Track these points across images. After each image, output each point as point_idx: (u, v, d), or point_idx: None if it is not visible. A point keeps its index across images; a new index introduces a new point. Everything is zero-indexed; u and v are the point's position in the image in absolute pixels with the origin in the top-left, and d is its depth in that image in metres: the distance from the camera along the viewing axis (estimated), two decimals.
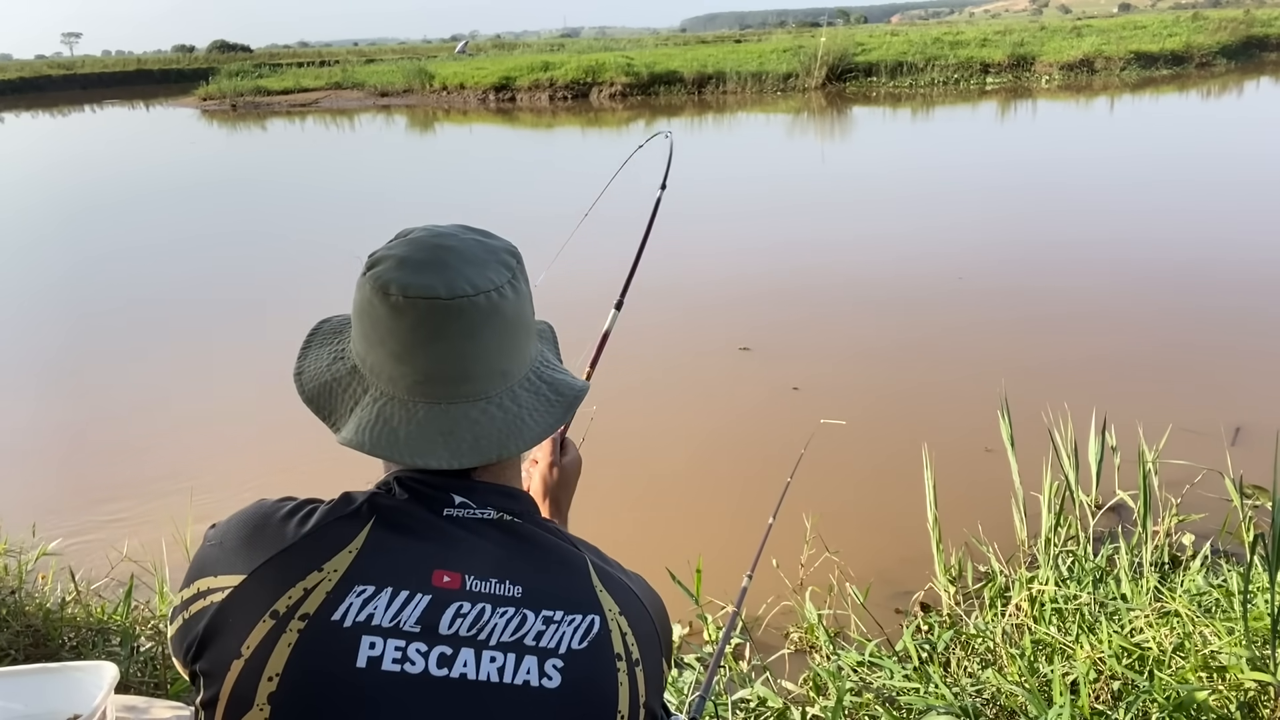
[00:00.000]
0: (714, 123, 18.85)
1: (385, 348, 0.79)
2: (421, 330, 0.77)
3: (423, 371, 0.78)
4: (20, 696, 1.59)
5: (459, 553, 0.77)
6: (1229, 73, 21.75)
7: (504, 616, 0.75)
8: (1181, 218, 8.25)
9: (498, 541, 0.79)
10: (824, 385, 4.92)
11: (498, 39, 67.77)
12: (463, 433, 0.78)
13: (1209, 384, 4.62)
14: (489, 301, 0.78)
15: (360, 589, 0.73)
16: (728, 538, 3.39)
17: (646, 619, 0.83)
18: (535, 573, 0.78)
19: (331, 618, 0.71)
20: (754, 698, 2.28)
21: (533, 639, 0.74)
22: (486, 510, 0.80)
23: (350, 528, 0.76)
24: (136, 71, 42.51)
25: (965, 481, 3.59)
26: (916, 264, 7.10)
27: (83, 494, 4.11)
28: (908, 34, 29.28)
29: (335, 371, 0.85)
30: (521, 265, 0.85)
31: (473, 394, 0.79)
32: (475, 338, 0.78)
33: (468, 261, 0.80)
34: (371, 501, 0.79)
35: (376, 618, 0.72)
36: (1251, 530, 2.62)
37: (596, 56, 26.33)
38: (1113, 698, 2.04)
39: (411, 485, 0.80)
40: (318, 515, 0.78)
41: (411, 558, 0.76)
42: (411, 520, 0.78)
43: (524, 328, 0.83)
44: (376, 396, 0.81)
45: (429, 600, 0.74)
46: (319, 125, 21.91)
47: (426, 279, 0.77)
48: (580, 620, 0.77)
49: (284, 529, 0.77)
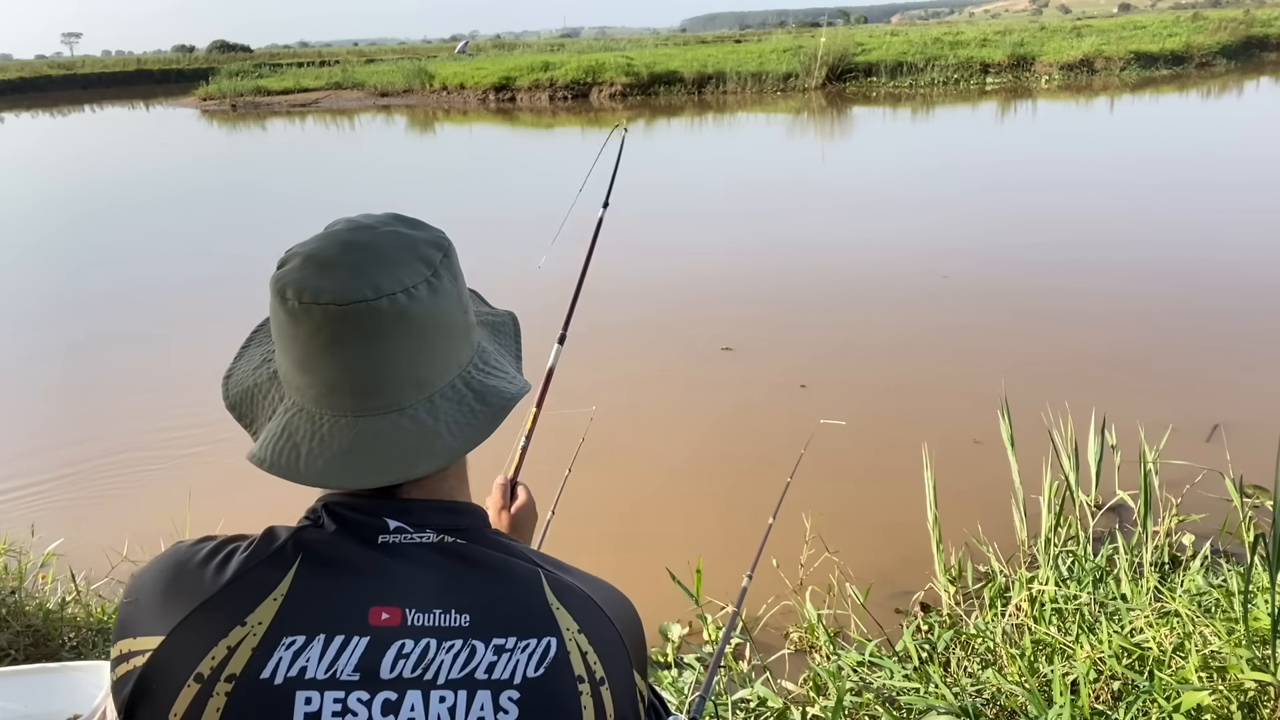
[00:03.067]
0: (714, 123, 18.85)
1: (290, 355, 0.73)
2: (320, 338, 0.70)
3: (325, 382, 0.72)
4: (20, 696, 1.59)
5: (397, 585, 0.71)
6: (1229, 73, 21.75)
7: (451, 651, 0.69)
8: (1182, 218, 8.25)
9: (439, 567, 0.73)
10: (824, 385, 4.91)
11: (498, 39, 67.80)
12: (367, 450, 0.71)
13: (1209, 384, 4.62)
14: (394, 305, 0.70)
15: (289, 640, 0.67)
16: (728, 538, 3.39)
17: (609, 632, 0.76)
18: (483, 597, 0.72)
19: (260, 676, 0.66)
20: (754, 698, 2.28)
21: (484, 672, 0.69)
22: (425, 533, 0.74)
23: (273, 572, 0.70)
24: (136, 71, 42.54)
25: (965, 481, 3.59)
26: (917, 264, 7.09)
27: (83, 494, 4.11)
28: (908, 34, 29.28)
29: (258, 376, 0.80)
30: (449, 258, 0.77)
31: (383, 406, 0.72)
32: (380, 345, 0.71)
33: (378, 259, 0.72)
34: (296, 538, 0.72)
35: (310, 670, 0.66)
36: (1251, 530, 2.63)
37: (596, 56, 26.34)
38: (1113, 698, 2.04)
39: (340, 513, 0.74)
40: (237, 560, 0.71)
41: (344, 598, 0.70)
42: (342, 554, 0.72)
43: (446, 329, 0.75)
44: (289, 406, 0.75)
45: (367, 642, 0.68)
46: (319, 125, 21.90)
47: (325, 281, 0.70)
48: (535, 645, 0.71)
49: (201, 579, 0.71)
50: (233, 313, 6.75)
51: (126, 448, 4.59)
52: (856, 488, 3.83)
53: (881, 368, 5.14)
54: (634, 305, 6.28)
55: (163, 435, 4.69)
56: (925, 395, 4.72)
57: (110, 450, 4.58)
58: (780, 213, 9.40)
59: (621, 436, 4.28)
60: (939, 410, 4.50)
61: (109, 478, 4.28)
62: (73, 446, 4.66)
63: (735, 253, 7.78)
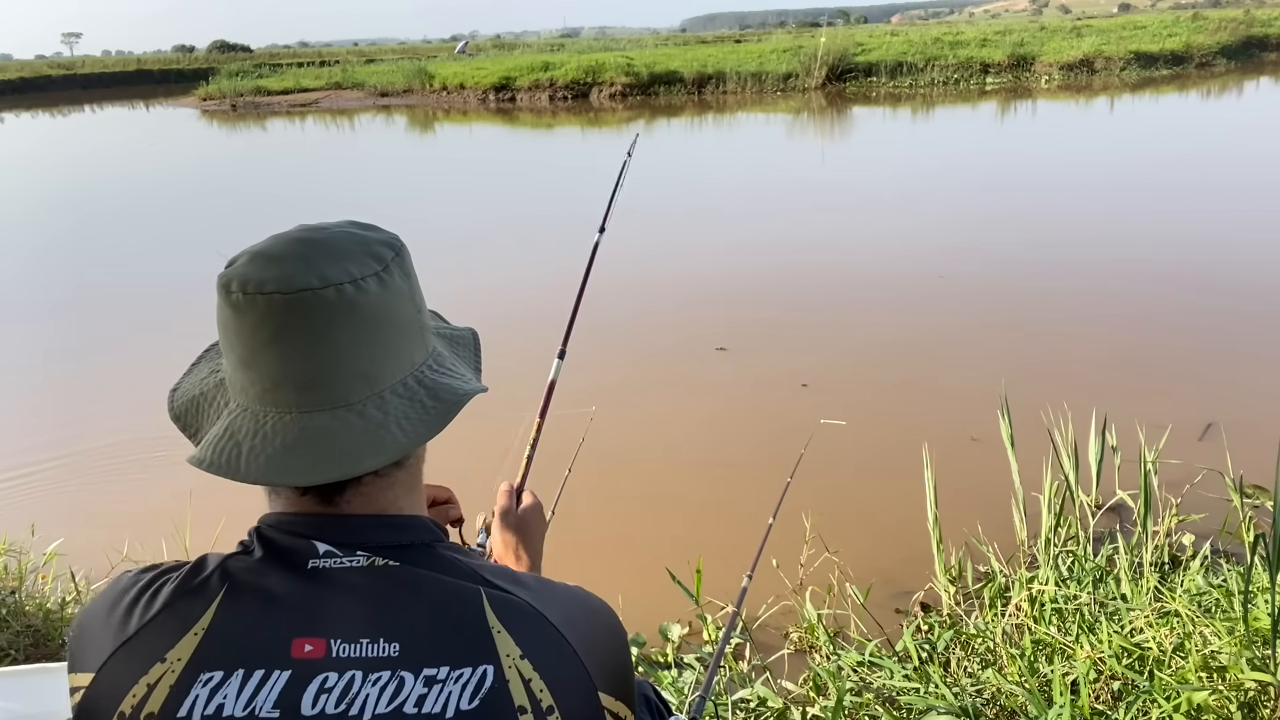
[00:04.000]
0: (714, 123, 18.85)
1: (234, 353, 0.71)
2: (264, 330, 0.68)
3: (269, 377, 0.69)
4: (20, 696, 1.58)
5: (323, 615, 0.67)
6: (1229, 73, 21.75)
7: (377, 684, 0.65)
8: (1182, 217, 8.24)
9: (369, 593, 0.69)
10: (825, 385, 4.91)
11: (498, 39, 67.78)
12: (310, 445, 0.68)
13: (1210, 384, 4.62)
14: (341, 295, 0.68)
15: (206, 677, 0.65)
16: (728, 538, 3.39)
17: (563, 654, 0.70)
18: (415, 624, 0.68)
19: (177, 715, 0.63)
20: (754, 698, 2.28)
21: (413, 706, 0.64)
22: (355, 557, 0.70)
23: (196, 605, 0.68)
24: (136, 71, 42.53)
25: (965, 481, 3.59)
26: (918, 264, 7.09)
27: (83, 494, 4.11)
28: (907, 34, 29.28)
29: (205, 385, 0.77)
30: (400, 257, 0.74)
31: (328, 401, 0.69)
32: (326, 336, 0.68)
33: (327, 254, 0.70)
34: (223, 568, 0.70)
35: (228, 708, 0.63)
36: (1251, 530, 2.63)
37: (596, 56, 26.33)
38: (1113, 698, 2.04)
39: (270, 537, 0.72)
40: (165, 592, 0.69)
41: (266, 630, 0.66)
42: (266, 583, 0.69)
43: (397, 325, 0.72)
44: (233, 409, 0.72)
45: (288, 677, 0.65)
46: (319, 125, 21.90)
47: (270, 272, 0.68)
48: (469, 675, 0.66)
49: (130, 614, 0.69)
50: None
51: (127, 447, 4.59)
52: (856, 488, 3.83)
53: (882, 367, 5.13)
54: (634, 305, 6.28)
55: (164, 434, 4.68)
56: (925, 395, 4.72)
57: (110, 450, 4.57)
58: (780, 212, 9.40)
59: (621, 436, 4.28)
60: (939, 410, 4.50)
61: (109, 477, 4.28)
62: (73, 446, 4.66)
63: (735, 252, 7.78)
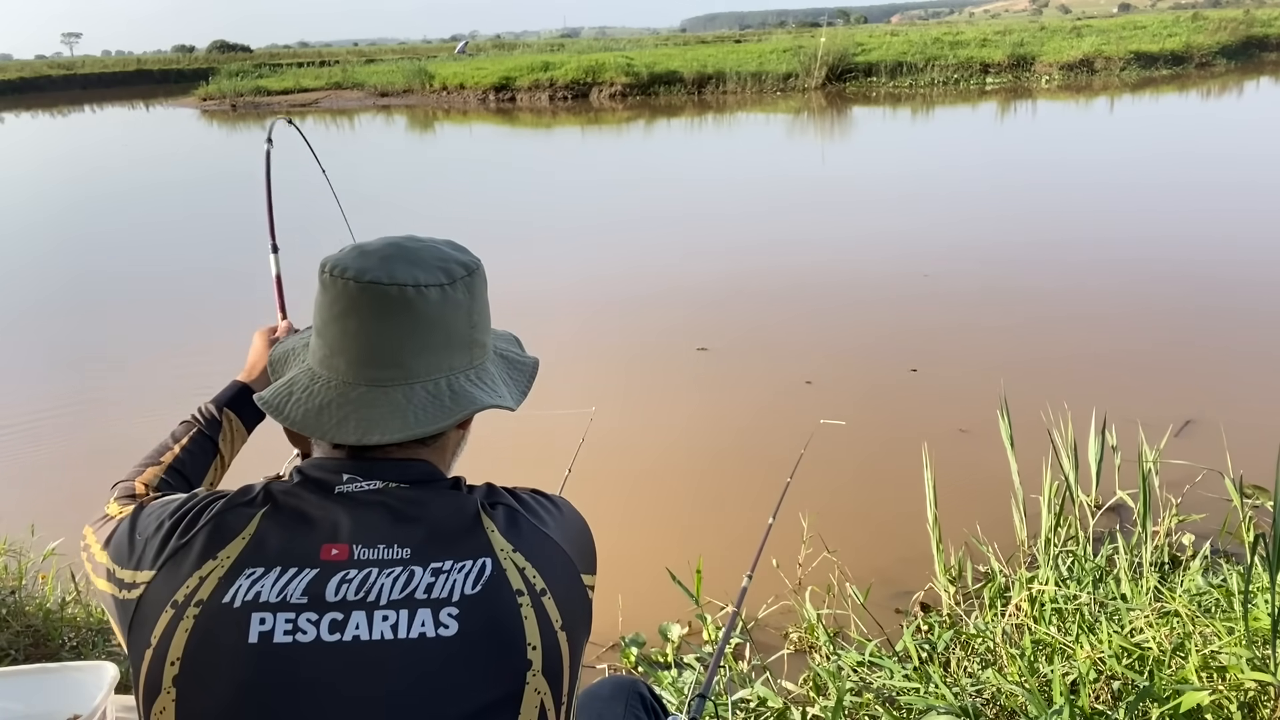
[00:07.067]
0: (714, 123, 18.85)
1: (315, 321, 0.86)
2: (335, 307, 0.83)
3: (329, 346, 0.84)
4: (20, 696, 1.58)
5: (347, 527, 0.79)
6: (1229, 73, 21.75)
7: (390, 576, 0.77)
8: (1181, 217, 8.24)
9: (386, 510, 0.81)
10: (825, 384, 4.91)
11: (498, 39, 67.80)
12: (337, 410, 0.82)
13: (1209, 383, 4.62)
14: (402, 294, 0.81)
15: (250, 571, 0.76)
16: (728, 538, 3.39)
17: (550, 547, 0.84)
18: (423, 531, 0.80)
19: (223, 600, 0.75)
20: (754, 698, 2.28)
21: (423, 592, 0.76)
22: (373, 482, 0.83)
23: (244, 516, 0.80)
24: (136, 72, 42.55)
25: (965, 481, 3.59)
26: (919, 264, 7.09)
27: (83, 493, 4.10)
28: (907, 34, 29.28)
29: (298, 343, 0.95)
30: (471, 278, 0.87)
31: (366, 379, 0.83)
32: (378, 324, 0.82)
33: (407, 259, 0.84)
34: (266, 490, 0.83)
35: (264, 595, 0.75)
36: (1251, 530, 2.62)
37: (596, 57, 26.33)
38: (1113, 698, 2.04)
39: (306, 471, 0.85)
40: (217, 506, 0.82)
41: (301, 537, 0.79)
42: (302, 503, 0.81)
43: (443, 332, 0.85)
44: (301, 366, 0.89)
45: (315, 573, 0.76)
46: (319, 125, 21.90)
47: (356, 263, 0.83)
48: (470, 565, 0.78)
49: (191, 522, 0.81)
50: (236, 311, 6.75)
51: (128, 447, 4.58)
52: (856, 487, 3.83)
53: (882, 367, 5.13)
54: (634, 305, 6.28)
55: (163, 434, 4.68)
56: (925, 395, 4.72)
57: (111, 450, 4.57)
58: (780, 212, 9.40)
59: (621, 436, 4.28)
60: (939, 410, 4.49)
61: (110, 477, 4.27)
62: (72, 445, 4.66)
63: (735, 252, 7.78)
